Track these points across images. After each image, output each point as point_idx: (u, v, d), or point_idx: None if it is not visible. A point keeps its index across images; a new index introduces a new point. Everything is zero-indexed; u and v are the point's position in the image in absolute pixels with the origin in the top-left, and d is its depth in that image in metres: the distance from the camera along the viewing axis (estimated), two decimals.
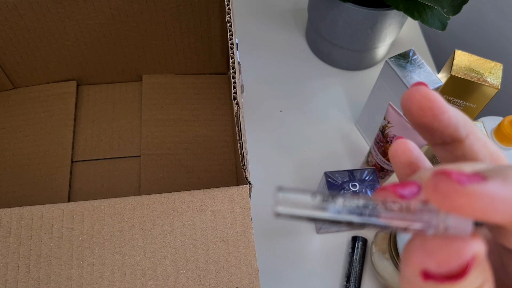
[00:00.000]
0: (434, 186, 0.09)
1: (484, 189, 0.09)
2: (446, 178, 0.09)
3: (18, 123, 0.42)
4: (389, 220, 0.10)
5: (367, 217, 0.10)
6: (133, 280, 0.25)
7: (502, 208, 0.09)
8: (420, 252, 0.09)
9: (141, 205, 0.26)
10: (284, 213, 0.10)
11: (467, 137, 0.12)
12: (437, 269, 0.09)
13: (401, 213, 0.10)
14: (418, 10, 0.38)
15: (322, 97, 0.50)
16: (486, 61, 0.38)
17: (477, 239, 0.09)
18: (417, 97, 0.11)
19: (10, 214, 0.26)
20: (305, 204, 0.10)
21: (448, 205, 0.09)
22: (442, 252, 0.09)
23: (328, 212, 0.10)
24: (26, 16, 0.36)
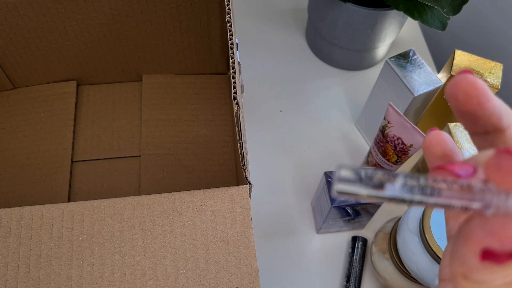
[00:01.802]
0: (497, 164, 0.09)
1: None
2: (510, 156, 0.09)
3: (18, 123, 0.42)
4: (449, 199, 0.10)
5: (427, 196, 0.10)
6: (133, 280, 0.25)
7: None
8: (482, 231, 0.09)
9: (141, 205, 0.26)
10: (345, 191, 0.10)
11: (509, 127, 0.12)
12: (501, 247, 0.09)
13: (462, 193, 0.10)
14: (418, 10, 0.38)
15: (322, 97, 0.50)
16: (486, 61, 0.38)
17: None
18: (463, 84, 0.11)
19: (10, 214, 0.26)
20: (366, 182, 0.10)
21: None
22: (506, 230, 0.09)
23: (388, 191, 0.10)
24: (26, 16, 0.36)
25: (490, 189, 0.10)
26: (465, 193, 0.10)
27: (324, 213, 0.38)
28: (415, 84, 0.37)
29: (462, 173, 0.10)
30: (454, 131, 0.35)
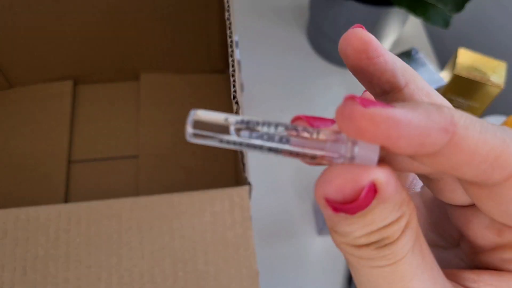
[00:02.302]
0: (341, 111, 0.09)
1: (387, 111, 0.08)
2: (352, 101, 0.09)
3: (14, 122, 0.41)
4: (299, 147, 0.10)
5: (277, 143, 0.10)
6: (131, 282, 0.24)
7: (406, 133, 0.08)
8: (322, 179, 0.09)
9: (139, 206, 0.25)
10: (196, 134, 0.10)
11: (406, 86, 0.11)
12: (334, 194, 0.09)
13: (311, 141, 0.10)
14: (421, 8, 0.37)
15: (323, 96, 0.49)
16: (490, 59, 0.37)
17: (380, 168, 0.09)
18: (352, 38, 0.11)
19: (6, 215, 0.25)
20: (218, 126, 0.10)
21: (353, 129, 0.09)
22: (339, 177, 0.09)
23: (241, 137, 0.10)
24: (22, 14, 0.36)
25: (340, 138, 0.10)
26: (315, 142, 0.10)
27: None
28: None
29: (317, 123, 0.10)
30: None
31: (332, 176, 0.09)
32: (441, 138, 0.08)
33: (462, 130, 0.09)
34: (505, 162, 0.09)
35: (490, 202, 0.10)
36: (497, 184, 0.09)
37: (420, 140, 0.08)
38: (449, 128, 0.09)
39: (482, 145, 0.09)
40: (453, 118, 0.09)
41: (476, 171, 0.09)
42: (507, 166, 0.09)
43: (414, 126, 0.08)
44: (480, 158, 0.09)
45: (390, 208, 0.09)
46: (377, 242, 0.09)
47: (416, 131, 0.08)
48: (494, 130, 0.09)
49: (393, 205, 0.09)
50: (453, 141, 0.09)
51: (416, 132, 0.08)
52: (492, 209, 0.10)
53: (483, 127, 0.09)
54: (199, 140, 0.10)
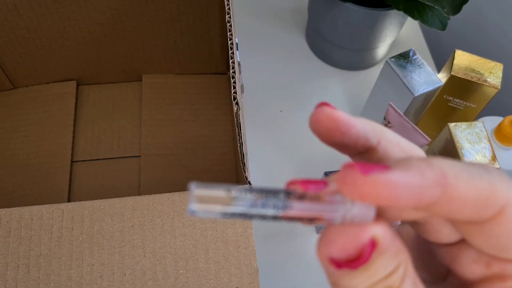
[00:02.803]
0: (343, 178, 0.10)
1: (386, 177, 0.09)
2: (351, 169, 0.09)
3: (18, 123, 0.42)
4: (300, 211, 0.10)
5: (279, 210, 0.10)
6: (133, 280, 0.25)
7: (404, 193, 0.09)
8: (324, 241, 0.10)
9: (141, 205, 0.26)
10: (198, 210, 0.10)
11: (379, 144, 0.12)
12: (338, 254, 0.10)
13: (311, 204, 0.10)
14: (418, 10, 0.38)
15: (322, 97, 0.50)
16: (486, 61, 0.38)
17: (377, 224, 0.10)
18: (322, 119, 0.11)
19: (10, 214, 0.26)
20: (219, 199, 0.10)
21: (357, 194, 0.09)
22: (342, 238, 0.10)
23: (241, 207, 0.10)
24: (26, 16, 0.36)
25: (337, 200, 0.10)
26: (315, 205, 0.10)
27: None
28: (415, 84, 0.37)
29: (312, 187, 0.10)
30: (454, 131, 0.35)
31: (334, 237, 0.10)
32: (436, 192, 0.09)
33: (453, 181, 0.09)
34: (493, 202, 0.10)
35: (481, 236, 0.10)
36: (487, 220, 0.10)
37: (417, 196, 0.09)
38: (442, 181, 0.09)
39: (472, 191, 0.09)
40: (443, 170, 0.09)
41: (468, 213, 0.10)
42: (495, 205, 0.10)
43: (411, 186, 0.09)
44: (471, 202, 0.10)
45: (389, 258, 0.10)
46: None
47: (413, 190, 0.09)
48: (480, 174, 0.10)
49: (391, 255, 0.10)
50: (446, 192, 0.09)
51: (413, 190, 0.09)
52: (482, 243, 0.10)
53: (470, 173, 0.10)
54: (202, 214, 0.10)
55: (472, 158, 0.34)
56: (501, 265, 0.11)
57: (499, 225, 0.10)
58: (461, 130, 0.35)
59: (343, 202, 0.10)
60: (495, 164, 0.34)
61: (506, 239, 0.10)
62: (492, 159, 0.34)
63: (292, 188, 0.10)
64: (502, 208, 0.10)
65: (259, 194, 0.10)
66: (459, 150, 0.34)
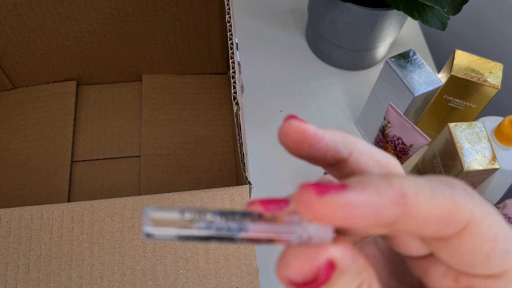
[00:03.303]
0: (298, 199, 0.09)
1: (341, 197, 0.09)
2: (307, 190, 0.09)
3: (18, 123, 0.42)
4: (257, 233, 0.10)
5: (235, 232, 0.10)
6: (133, 280, 0.25)
7: (362, 213, 0.09)
8: (281, 262, 0.10)
9: (141, 205, 0.26)
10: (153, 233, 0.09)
11: (350, 155, 0.12)
12: (296, 277, 0.09)
13: (267, 225, 0.10)
14: (418, 10, 0.38)
15: (322, 97, 0.50)
16: (486, 61, 0.38)
17: (335, 245, 0.10)
18: (290, 132, 0.11)
19: (10, 214, 0.26)
20: (173, 222, 0.09)
21: (313, 215, 0.09)
22: (298, 260, 0.09)
23: (197, 230, 0.10)
24: (26, 16, 0.36)
25: (295, 220, 0.10)
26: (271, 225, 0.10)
27: None
28: (415, 84, 0.37)
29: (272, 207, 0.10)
30: (454, 131, 0.35)
31: (290, 259, 0.10)
32: (394, 211, 0.09)
33: (413, 199, 0.09)
34: (456, 219, 0.09)
35: (447, 252, 0.10)
36: (451, 237, 0.10)
37: (375, 216, 0.09)
38: (401, 200, 0.09)
39: (433, 208, 0.09)
40: (403, 189, 0.09)
41: (431, 230, 0.10)
42: (459, 222, 0.09)
43: (368, 206, 0.09)
44: (433, 220, 0.09)
45: (350, 277, 0.10)
46: None
47: (370, 210, 0.09)
48: (443, 191, 0.10)
49: (352, 274, 0.10)
50: (406, 210, 0.09)
51: (370, 210, 0.09)
52: (448, 258, 0.10)
53: (432, 190, 0.09)
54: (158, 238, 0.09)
55: (472, 158, 0.34)
56: (469, 280, 0.11)
57: (463, 241, 0.10)
58: (461, 130, 0.35)
59: (300, 223, 0.10)
60: (495, 164, 0.34)
61: (470, 256, 0.10)
62: (492, 159, 0.34)
63: (251, 208, 0.10)
64: (466, 224, 0.09)
65: (215, 216, 0.10)
66: (459, 150, 0.34)
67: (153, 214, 0.09)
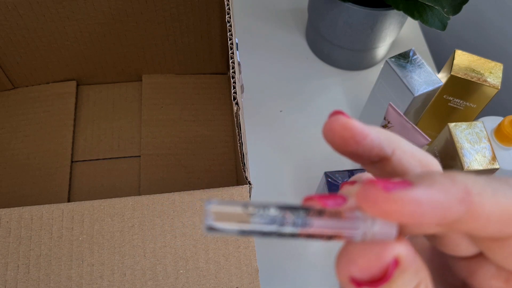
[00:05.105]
0: (363, 195, 0.09)
1: (409, 194, 0.09)
2: (373, 186, 0.09)
3: (17, 123, 0.42)
4: (321, 229, 0.10)
5: (300, 227, 0.10)
6: (133, 280, 0.25)
7: (429, 211, 0.09)
8: (344, 259, 0.10)
9: (141, 205, 0.26)
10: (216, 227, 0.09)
11: (393, 153, 0.12)
12: (360, 274, 0.09)
13: (331, 221, 0.10)
14: (418, 10, 0.38)
15: (322, 97, 0.50)
16: (486, 61, 0.38)
17: (400, 243, 0.10)
18: (336, 127, 0.11)
19: (10, 214, 0.26)
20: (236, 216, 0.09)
21: (380, 212, 0.09)
22: (364, 257, 0.09)
23: (260, 224, 0.09)
24: (26, 16, 0.36)
25: (358, 216, 0.10)
26: (335, 221, 0.10)
27: None
28: (415, 84, 0.37)
29: (330, 203, 0.10)
30: (454, 131, 0.35)
31: (356, 255, 0.09)
32: (460, 209, 0.09)
33: (477, 198, 0.09)
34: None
35: (502, 253, 0.10)
36: (509, 237, 0.10)
37: (442, 214, 0.09)
38: (466, 198, 0.09)
39: (495, 208, 0.09)
40: (467, 187, 0.09)
41: (491, 230, 0.10)
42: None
43: (435, 204, 0.09)
44: (494, 219, 0.09)
45: (410, 276, 0.09)
46: None
47: (437, 208, 0.09)
48: (504, 190, 0.09)
49: (412, 273, 0.09)
50: (470, 209, 0.09)
51: (437, 208, 0.09)
52: (503, 259, 0.10)
53: (494, 189, 0.09)
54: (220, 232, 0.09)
55: (472, 158, 0.34)
56: None
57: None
58: (461, 130, 0.35)
59: (363, 219, 0.10)
60: (495, 164, 0.34)
61: None
62: (492, 159, 0.34)
63: (310, 204, 0.10)
64: None
65: (277, 210, 0.10)
66: (459, 150, 0.34)
67: (216, 207, 0.09)
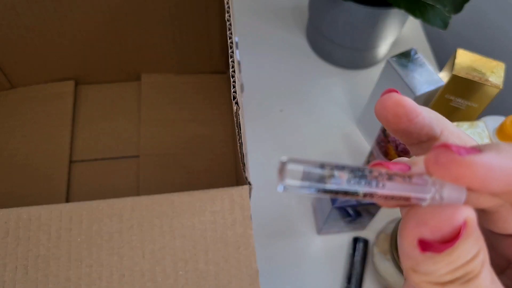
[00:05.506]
0: (435, 159, 0.10)
1: (481, 158, 0.09)
2: (446, 150, 0.09)
3: (16, 123, 0.41)
4: (393, 191, 0.10)
5: (374, 188, 0.10)
6: (132, 281, 0.24)
7: (499, 176, 0.09)
8: (415, 222, 0.10)
9: (140, 205, 0.26)
10: (291, 186, 0.09)
11: (441, 134, 0.12)
12: (431, 235, 0.09)
13: (403, 184, 0.10)
14: (420, 8, 0.37)
15: (322, 96, 0.50)
16: (488, 60, 0.38)
17: (469, 207, 0.10)
18: (390, 105, 0.12)
19: (8, 215, 0.25)
20: (313, 176, 0.10)
21: (450, 175, 0.09)
22: (435, 218, 0.09)
23: (335, 185, 0.10)
24: (24, 15, 0.36)
25: (427, 181, 0.10)
26: (407, 185, 0.10)
27: (325, 214, 0.37)
28: (417, 83, 0.37)
29: (397, 168, 0.11)
30: None
31: (427, 217, 0.10)
32: None
33: None
34: None
35: None
36: None
37: (510, 180, 0.09)
38: None
39: None
40: None
41: None
42: None
43: (504, 169, 0.09)
44: None
45: (472, 243, 0.10)
46: (462, 277, 0.10)
47: (506, 173, 0.09)
48: None
49: (474, 239, 0.10)
50: None
51: (506, 173, 0.09)
52: None
53: None
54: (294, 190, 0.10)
55: None
56: None
57: None
58: (463, 130, 0.35)
59: (432, 184, 0.10)
60: None
61: None
62: None
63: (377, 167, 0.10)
64: None
65: (351, 172, 0.10)
66: None
67: (292, 166, 0.09)
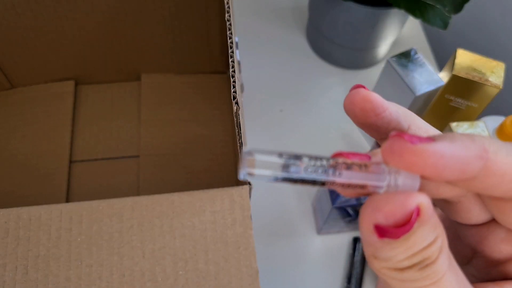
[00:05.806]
0: (390, 147, 0.10)
1: (433, 147, 0.10)
2: (400, 139, 0.10)
3: (16, 123, 0.41)
4: (349, 179, 0.11)
5: (330, 176, 0.10)
6: (132, 281, 0.24)
7: (451, 164, 0.10)
8: (370, 208, 0.10)
9: (140, 205, 0.26)
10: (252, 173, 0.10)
11: (409, 128, 0.12)
12: (385, 220, 0.10)
13: (359, 173, 0.11)
14: (420, 8, 0.37)
15: (322, 96, 0.50)
16: (488, 60, 0.38)
17: (422, 193, 0.10)
18: (358, 100, 0.12)
19: (8, 215, 0.25)
20: (271, 164, 0.10)
21: (403, 163, 0.10)
22: (389, 204, 0.10)
23: (293, 173, 0.10)
24: (24, 15, 0.36)
25: (383, 169, 0.11)
26: (363, 173, 0.11)
27: (325, 214, 0.37)
28: (417, 83, 0.37)
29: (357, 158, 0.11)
30: (456, 131, 0.35)
31: (381, 203, 0.10)
32: (478, 165, 0.10)
33: (493, 155, 0.10)
34: None
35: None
36: None
37: (461, 168, 0.10)
38: (483, 155, 0.10)
39: (510, 166, 0.10)
40: (485, 145, 0.10)
41: (505, 189, 0.10)
42: None
43: (456, 157, 0.10)
44: (508, 178, 0.10)
45: (428, 229, 0.10)
46: (419, 263, 0.10)
47: (458, 161, 0.10)
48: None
49: (431, 226, 0.10)
50: (486, 165, 0.10)
51: (458, 161, 0.10)
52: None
53: (508, 150, 0.10)
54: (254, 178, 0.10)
55: None
56: None
57: None
58: (463, 130, 0.35)
59: (388, 172, 0.10)
60: None
61: None
62: None
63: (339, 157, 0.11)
64: None
65: (309, 161, 0.10)
66: None
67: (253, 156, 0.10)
